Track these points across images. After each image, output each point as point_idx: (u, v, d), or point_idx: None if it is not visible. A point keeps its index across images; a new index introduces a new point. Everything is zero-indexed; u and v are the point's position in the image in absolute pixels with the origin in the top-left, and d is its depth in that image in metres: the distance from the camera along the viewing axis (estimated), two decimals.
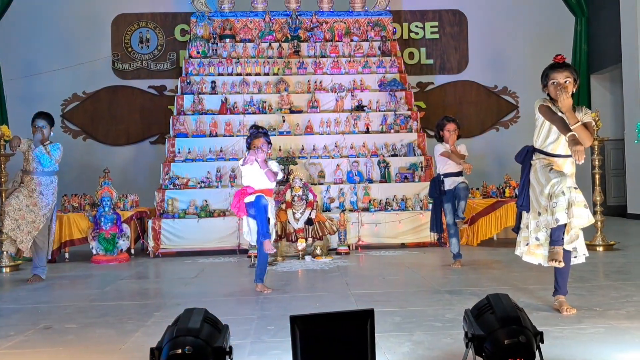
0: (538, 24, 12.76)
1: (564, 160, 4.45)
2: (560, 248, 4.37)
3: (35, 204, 6.38)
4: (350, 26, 11.27)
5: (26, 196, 6.36)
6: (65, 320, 4.61)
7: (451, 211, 6.67)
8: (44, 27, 12.27)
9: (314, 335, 2.89)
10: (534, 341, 2.96)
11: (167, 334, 2.76)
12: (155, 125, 12.32)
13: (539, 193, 4.38)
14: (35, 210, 6.38)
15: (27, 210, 6.36)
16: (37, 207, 6.39)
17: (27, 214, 6.36)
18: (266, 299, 5.39)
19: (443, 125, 6.86)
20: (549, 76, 4.48)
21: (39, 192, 6.41)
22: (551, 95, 4.52)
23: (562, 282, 4.53)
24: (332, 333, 2.93)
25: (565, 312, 4.38)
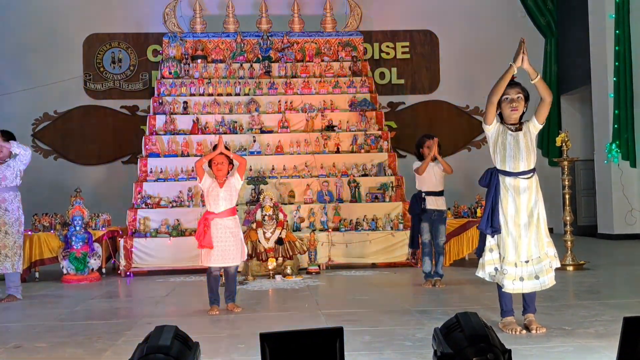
0: (508, 44, 12.86)
1: (529, 180, 4.47)
2: (511, 318, 4.50)
3: (5, 222, 6.26)
4: (321, 46, 11.37)
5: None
6: (35, 340, 4.55)
7: (428, 231, 6.71)
8: (15, 46, 12.17)
9: (284, 353, 2.89)
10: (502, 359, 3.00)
11: (137, 351, 2.74)
12: (127, 145, 12.24)
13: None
14: (5, 228, 6.26)
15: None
16: (7, 225, 6.26)
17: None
18: (237, 317, 5.37)
19: (422, 142, 6.90)
20: (503, 93, 4.51)
21: (4, 208, 6.27)
22: (502, 113, 4.53)
23: (530, 300, 4.59)
24: (302, 351, 2.93)
25: (535, 330, 4.43)
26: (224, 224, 5.47)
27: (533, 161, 4.47)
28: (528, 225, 4.41)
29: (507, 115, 4.51)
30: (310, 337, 3.01)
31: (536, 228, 4.43)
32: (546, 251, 4.46)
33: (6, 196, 6.30)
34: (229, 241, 5.48)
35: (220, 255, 5.47)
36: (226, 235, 5.47)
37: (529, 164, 4.43)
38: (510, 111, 4.47)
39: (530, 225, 4.41)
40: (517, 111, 4.50)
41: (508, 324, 4.52)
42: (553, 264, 4.49)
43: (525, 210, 4.41)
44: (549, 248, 4.48)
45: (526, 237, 4.41)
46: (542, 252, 4.44)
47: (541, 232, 4.45)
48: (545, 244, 4.46)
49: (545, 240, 4.46)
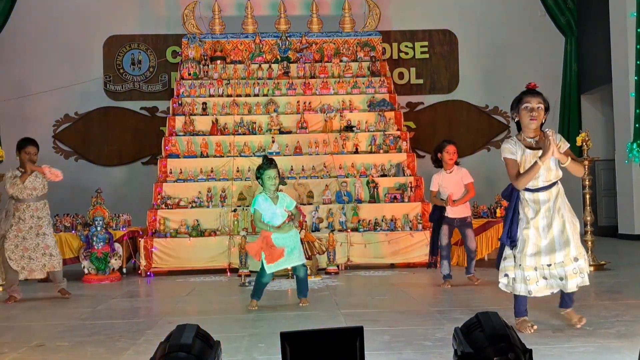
0: (528, 43, 12.92)
1: (549, 191, 4.44)
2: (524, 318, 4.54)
3: (40, 226, 6.44)
4: (339, 47, 11.38)
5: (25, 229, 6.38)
6: (57, 339, 4.61)
7: (447, 234, 6.74)
8: (36, 48, 12.33)
9: (304, 352, 2.90)
10: (523, 359, 2.99)
11: (159, 350, 2.76)
12: (147, 146, 12.34)
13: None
14: (42, 231, 6.44)
15: (35, 238, 6.40)
16: (43, 228, 6.45)
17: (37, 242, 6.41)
18: (257, 317, 5.39)
19: (442, 147, 6.85)
20: (522, 100, 4.46)
21: (37, 216, 6.46)
22: (521, 121, 4.50)
23: (568, 297, 4.58)
24: (322, 350, 2.94)
25: (578, 322, 4.46)
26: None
27: (554, 176, 4.41)
28: (548, 229, 4.38)
29: (526, 124, 4.47)
30: (330, 336, 3.02)
31: (560, 233, 4.39)
32: (574, 255, 4.41)
33: (38, 205, 6.48)
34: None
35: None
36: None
37: (548, 179, 4.39)
38: (529, 120, 4.42)
39: (551, 229, 4.38)
40: (536, 121, 4.44)
41: (521, 322, 4.51)
42: (580, 269, 4.45)
43: (546, 217, 4.39)
44: (577, 253, 4.43)
45: (546, 239, 4.38)
46: (567, 257, 4.40)
47: (567, 237, 4.40)
48: (573, 248, 4.41)
49: (573, 245, 4.41)
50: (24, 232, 6.38)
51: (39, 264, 6.43)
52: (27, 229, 6.39)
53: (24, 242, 6.38)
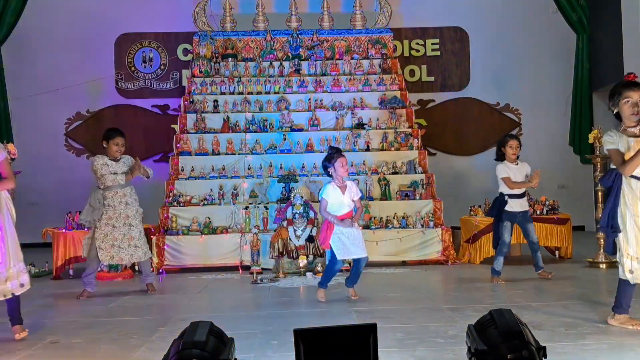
0: (539, 40, 12.85)
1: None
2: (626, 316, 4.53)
3: (128, 215, 6.53)
4: (350, 44, 11.36)
5: (115, 217, 6.50)
6: (71, 336, 4.65)
7: (509, 231, 6.78)
8: (48, 47, 12.38)
9: (318, 349, 2.91)
10: (537, 356, 2.98)
11: (173, 347, 2.78)
12: (158, 143, 12.37)
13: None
14: (129, 221, 6.54)
15: (122, 227, 6.50)
16: (130, 218, 6.55)
17: (124, 232, 6.51)
18: (269, 314, 5.42)
19: (505, 142, 6.92)
20: (623, 94, 4.45)
21: (125, 202, 6.55)
22: (622, 114, 4.47)
23: (626, 301, 4.54)
24: (336, 347, 2.95)
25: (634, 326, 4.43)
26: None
27: None
28: None
29: (627, 117, 4.44)
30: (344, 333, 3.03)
31: None
32: None
33: (126, 191, 6.59)
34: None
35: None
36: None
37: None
38: (631, 114, 4.41)
39: None
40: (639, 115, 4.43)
41: (625, 321, 4.48)
42: None
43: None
44: None
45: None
46: None
47: None
48: None
49: None
50: (113, 219, 6.47)
51: (127, 254, 6.55)
52: (117, 216, 6.48)
53: (114, 231, 6.47)
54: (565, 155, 12.55)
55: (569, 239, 8.36)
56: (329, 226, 5.80)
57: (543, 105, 12.77)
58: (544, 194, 8.91)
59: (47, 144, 12.10)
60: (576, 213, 9.45)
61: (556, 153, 12.45)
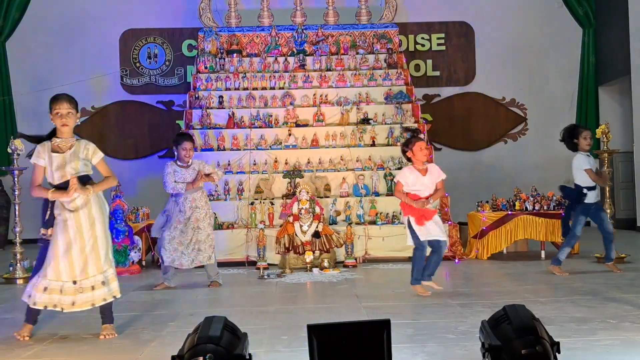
0: (545, 35, 12.81)
1: None
2: None
3: (197, 219, 6.57)
4: (356, 39, 11.33)
5: (184, 221, 6.55)
6: (81, 331, 4.65)
7: (582, 224, 6.81)
8: (53, 42, 12.38)
9: (331, 344, 2.91)
10: (551, 351, 2.98)
11: (188, 341, 2.79)
12: (163, 139, 12.38)
13: None
14: (197, 224, 6.58)
15: (191, 232, 6.55)
16: (199, 221, 6.58)
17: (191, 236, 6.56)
18: (277, 309, 5.42)
19: (579, 133, 6.93)
20: None
21: (195, 206, 6.59)
22: None
23: None
24: (349, 342, 2.94)
25: None
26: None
27: None
28: None
29: None
30: (357, 328, 3.03)
31: None
32: None
33: (195, 196, 6.60)
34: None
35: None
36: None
37: None
38: None
39: None
40: None
41: None
42: None
43: None
44: None
45: None
46: None
47: None
48: None
49: None
50: (182, 223, 6.52)
51: (188, 259, 6.59)
52: (185, 221, 6.53)
53: (181, 235, 6.53)
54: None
55: None
56: (406, 209, 5.77)
57: (548, 99, 12.74)
58: (550, 189, 8.88)
59: None
60: None
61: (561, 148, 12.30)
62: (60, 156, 4.37)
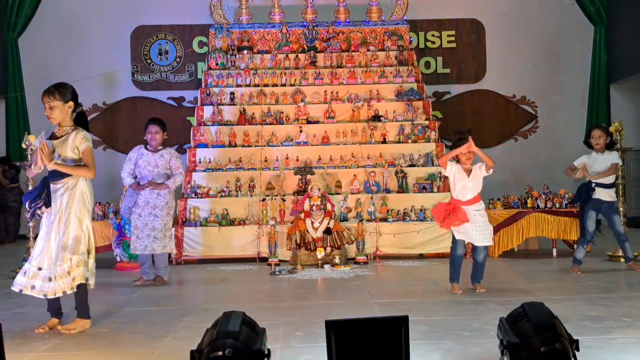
0: (557, 32, 12.74)
1: None
2: None
3: (155, 206, 6.56)
4: (366, 36, 11.32)
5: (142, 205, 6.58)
6: (97, 325, 4.68)
7: (594, 220, 6.79)
8: (64, 38, 12.42)
9: (349, 340, 2.91)
10: (570, 349, 2.97)
11: (207, 336, 2.80)
12: (173, 135, 12.33)
13: None
14: (155, 211, 6.56)
15: (147, 216, 6.55)
16: (157, 209, 6.56)
17: (147, 221, 6.55)
18: (289, 306, 5.42)
19: (590, 132, 7.05)
20: None
21: (157, 193, 6.57)
22: None
23: None
24: (367, 339, 2.95)
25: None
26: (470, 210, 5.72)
27: None
28: None
29: None
30: (375, 325, 3.03)
31: None
32: None
33: (158, 181, 6.59)
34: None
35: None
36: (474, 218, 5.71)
37: None
38: None
39: None
40: None
41: None
42: None
43: None
44: None
45: None
46: None
47: None
48: None
49: None
50: (140, 207, 6.55)
51: (142, 244, 6.57)
52: (144, 205, 6.54)
53: (138, 219, 6.56)
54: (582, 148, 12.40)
55: None
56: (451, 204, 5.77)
57: (559, 97, 12.68)
58: (562, 187, 8.85)
59: None
60: None
61: (572, 146, 12.31)
62: (53, 142, 4.58)
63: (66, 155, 4.54)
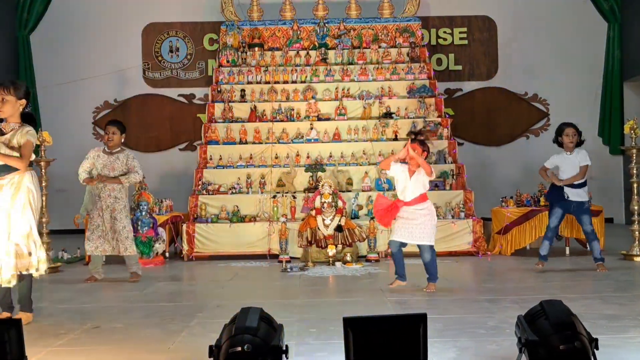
0: (569, 29, 12.64)
1: None
2: None
3: (115, 209, 6.54)
4: (378, 33, 11.28)
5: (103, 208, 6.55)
6: (112, 321, 4.69)
7: (557, 217, 6.80)
8: (76, 36, 12.43)
9: (367, 337, 2.90)
10: (590, 347, 2.94)
11: (225, 332, 2.79)
12: (184, 132, 12.45)
13: None
14: (115, 214, 6.54)
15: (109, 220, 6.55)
16: (117, 212, 6.55)
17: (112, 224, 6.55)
18: (303, 303, 5.41)
19: (561, 130, 6.98)
20: None
21: (114, 197, 6.55)
22: None
23: None
24: (385, 336, 2.93)
25: None
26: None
27: None
28: None
29: None
30: (393, 322, 3.01)
31: None
32: None
33: (115, 186, 6.57)
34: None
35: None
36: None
37: None
38: None
39: None
40: None
41: None
42: None
43: None
44: None
45: None
46: None
47: None
48: None
49: None
50: (101, 210, 6.53)
51: (110, 246, 6.57)
52: (105, 207, 6.52)
53: (101, 221, 6.53)
54: (594, 146, 12.33)
55: (601, 231, 8.23)
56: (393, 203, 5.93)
57: (572, 95, 12.58)
58: None
59: (75, 132, 12.13)
60: (605, 205, 9.29)
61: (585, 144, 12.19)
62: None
63: (12, 152, 4.54)
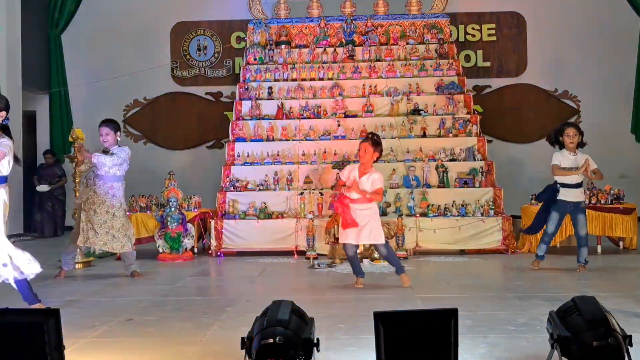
0: (600, 24, 12.43)
1: None
2: None
3: (112, 205, 6.58)
4: (406, 29, 11.23)
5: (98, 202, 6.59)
6: (144, 314, 4.76)
7: (555, 222, 6.71)
8: (106, 35, 12.59)
9: (398, 332, 2.90)
10: (624, 344, 2.91)
11: (257, 324, 2.81)
12: (211, 130, 12.52)
13: None
14: (113, 211, 6.58)
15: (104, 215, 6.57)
16: (114, 208, 6.59)
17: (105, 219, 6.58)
18: (332, 299, 5.42)
19: (562, 131, 6.82)
20: None
21: (112, 194, 6.61)
22: None
23: None
24: (416, 331, 2.93)
25: None
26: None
27: None
28: None
29: None
30: (424, 317, 3.01)
31: None
32: None
33: (114, 184, 6.65)
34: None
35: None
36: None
37: None
38: None
39: None
40: None
41: None
42: None
43: None
44: None
45: None
46: None
47: None
48: None
49: None
50: (96, 204, 6.55)
51: (101, 241, 6.56)
52: (101, 203, 6.55)
53: (95, 215, 6.54)
54: (627, 143, 12.15)
55: (634, 229, 8.13)
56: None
57: (603, 92, 12.37)
58: (607, 183, 8.66)
59: None
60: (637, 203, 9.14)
61: (617, 141, 12.05)
62: None
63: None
